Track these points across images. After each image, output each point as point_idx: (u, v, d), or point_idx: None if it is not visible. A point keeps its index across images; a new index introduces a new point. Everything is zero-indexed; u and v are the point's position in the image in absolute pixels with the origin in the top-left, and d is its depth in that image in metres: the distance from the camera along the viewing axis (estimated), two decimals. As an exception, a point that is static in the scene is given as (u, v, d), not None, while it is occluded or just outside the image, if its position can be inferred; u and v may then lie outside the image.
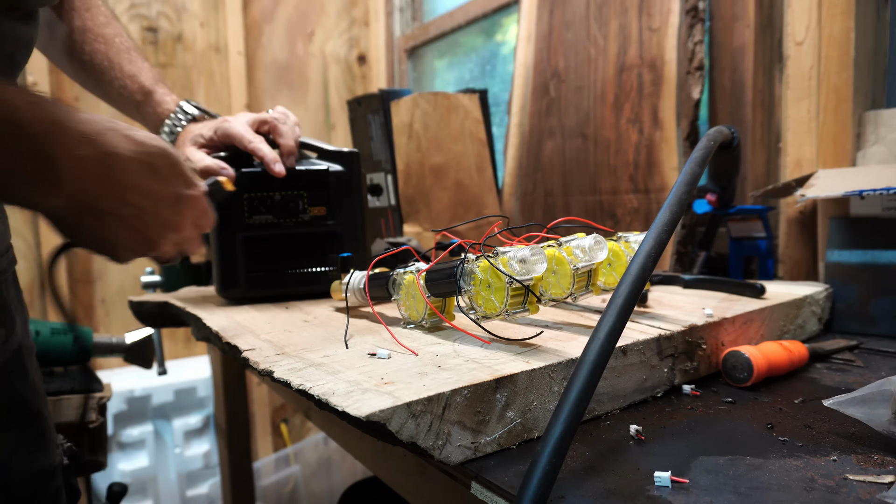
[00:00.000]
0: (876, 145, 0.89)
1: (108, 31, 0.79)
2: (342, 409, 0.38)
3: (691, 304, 0.71)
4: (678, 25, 1.09)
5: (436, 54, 2.13)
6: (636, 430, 0.46)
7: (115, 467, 1.64)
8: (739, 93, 1.12)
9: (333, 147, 0.88)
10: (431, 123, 1.23)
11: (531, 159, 1.42)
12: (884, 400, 0.43)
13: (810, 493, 0.36)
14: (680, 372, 0.57)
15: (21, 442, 0.54)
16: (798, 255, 0.99)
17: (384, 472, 0.65)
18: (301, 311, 0.77)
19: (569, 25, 1.33)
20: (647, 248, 0.46)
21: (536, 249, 0.49)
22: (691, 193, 0.53)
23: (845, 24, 0.89)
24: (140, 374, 1.71)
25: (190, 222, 0.55)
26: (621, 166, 1.21)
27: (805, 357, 0.62)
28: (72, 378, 0.99)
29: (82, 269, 1.78)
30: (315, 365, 0.49)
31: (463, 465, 0.41)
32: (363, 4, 2.26)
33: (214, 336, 0.67)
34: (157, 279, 1.23)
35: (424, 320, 0.59)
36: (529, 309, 0.51)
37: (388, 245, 1.09)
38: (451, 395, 0.41)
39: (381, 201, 1.38)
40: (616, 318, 0.41)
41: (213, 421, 1.78)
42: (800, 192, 0.82)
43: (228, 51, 1.96)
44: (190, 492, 1.72)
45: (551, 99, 1.37)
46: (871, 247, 0.79)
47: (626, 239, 0.62)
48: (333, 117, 2.22)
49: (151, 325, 1.04)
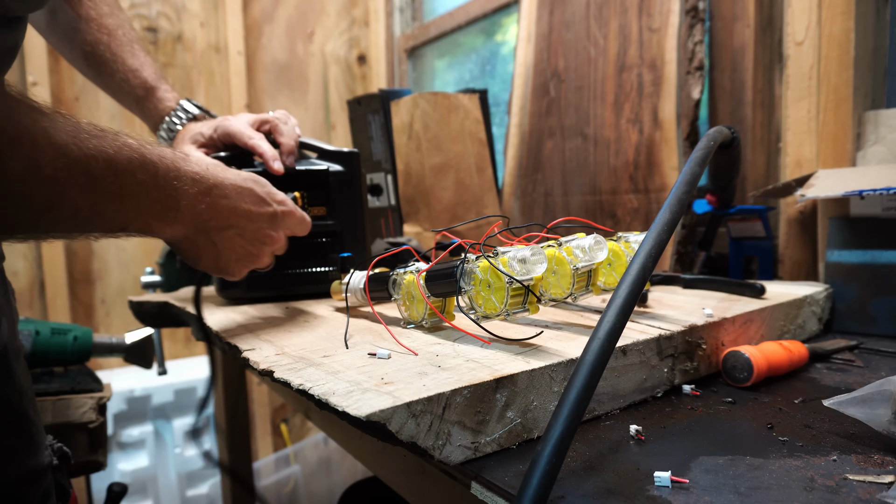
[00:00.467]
0: (876, 145, 0.89)
1: (111, 22, 0.79)
2: (342, 409, 0.38)
3: (691, 304, 0.71)
4: (678, 25, 1.09)
5: (436, 54, 2.13)
6: (636, 430, 0.46)
7: (115, 467, 1.64)
8: (739, 93, 1.12)
9: (333, 147, 0.88)
10: (431, 123, 1.23)
11: (531, 159, 1.42)
12: (884, 400, 0.43)
13: (810, 493, 0.36)
14: (680, 372, 0.57)
15: (5, 445, 0.53)
16: (798, 255, 0.99)
17: (384, 472, 0.65)
18: (301, 311, 0.77)
19: (569, 25, 1.33)
20: (647, 248, 0.46)
21: (536, 249, 0.49)
22: (691, 193, 0.53)
23: (845, 24, 0.89)
24: (140, 374, 1.71)
25: (284, 234, 0.65)
26: (621, 166, 1.21)
27: (805, 357, 0.62)
28: (72, 378, 0.99)
29: (82, 269, 1.78)
30: (315, 365, 0.49)
31: (463, 465, 0.41)
32: (363, 4, 2.26)
33: (214, 336, 0.67)
34: (157, 279, 1.23)
35: (424, 320, 0.59)
36: (529, 309, 0.51)
37: (388, 245, 1.09)
38: (451, 395, 0.41)
39: (381, 201, 1.38)
40: (616, 318, 0.41)
41: (213, 421, 1.78)
42: (800, 192, 0.82)
43: (228, 51, 1.96)
44: (190, 492, 1.72)
45: (551, 99, 1.37)
46: (871, 247, 0.79)
47: (626, 239, 0.62)
48: (333, 117, 2.22)
49: (151, 325, 1.04)
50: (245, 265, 0.62)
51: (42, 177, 0.36)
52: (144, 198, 0.48)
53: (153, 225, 0.51)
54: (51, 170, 0.37)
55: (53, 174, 0.37)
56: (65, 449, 0.64)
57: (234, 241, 0.59)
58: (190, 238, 0.55)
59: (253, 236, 0.60)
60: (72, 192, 0.39)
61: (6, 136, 0.33)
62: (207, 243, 0.57)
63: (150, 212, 0.49)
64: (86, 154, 0.40)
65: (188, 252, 0.58)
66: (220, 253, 0.59)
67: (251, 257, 0.62)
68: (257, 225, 0.60)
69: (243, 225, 0.59)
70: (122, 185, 0.44)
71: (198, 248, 0.57)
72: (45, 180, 0.37)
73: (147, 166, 0.47)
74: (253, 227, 0.60)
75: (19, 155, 0.34)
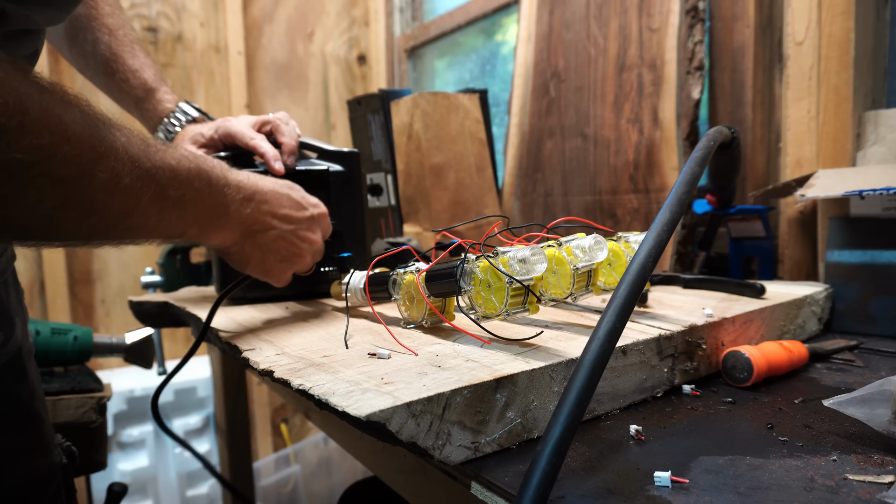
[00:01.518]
0: (876, 145, 0.89)
1: (112, 22, 0.79)
2: (342, 409, 0.38)
3: (691, 304, 0.71)
4: (678, 25, 1.09)
5: (436, 54, 2.13)
6: (636, 430, 0.46)
7: (115, 467, 1.64)
8: (739, 93, 1.12)
9: (333, 147, 0.88)
10: (431, 123, 1.23)
11: (531, 159, 1.42)
12: (884, 400, 0.43)
13: (810, 493, 0.36)
14: (680, 372, 0.57)
15: (18, 445, 0.54)
16: (798, 255, 0.99)
17: (384, 472, 0.65)
18: (301, 310, 0.77)
19: (569, 25, 1.33)
20: (647, 248, 0.46)
21: (536, 249, 0.49)
22: (691, 193, 0.53)
23: (845, 24, 0.89)
24: (140, 374, 1.71)
25: (321, 236, 0.69)
26: (621, 166, 1.21)
27: (805, 357, 0.62)
28: (72, 378, 0.99)
29: (82, 269, 1.78)
30: (315, 365, 0.49)
31: (463, 465, 0.41)
32: (363, 4, 2.26)
33: (214, 336, 0.67)
34: (157, 279, 1.23)
35: (424, 320, 0.59)
36: (529, 309, 0.51)
37: (388, 245, 1.09)
38: (451, 395, 0.41)
39: (381, 201, 1.38)
40: (616, 318, 0.41)
41: (213, 421, 1.78)
42: (800, 192, 0.82)
43: (228, 51, 1.96)
44: (190, 492, 1.72)
45: (551, 99, 1.37)
46: (871, 247, 0.79)
47: (626, 239, 0.62)
48: (333, 117, 2.22)
49: (151, 325, 1.04)
50: (289, 267, 0.66)
51: (122, 187, 0.40)
52: (201, 204, 0.51)
53: (208, 230, 0.55)
54: (129, 180, 0.40)
55: (130, 184, 0.40)
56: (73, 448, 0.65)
57: (277, 243, 0.63)
58: (238, 243, 0.60)
59: (293, 238, 0.64)
60: (144, 200, 0.43)
61: (95, 151, 0.37)
62: (254, 247, 0.61)
63: (206, 217, 0.53)
64: (155, 165, 0.44)
65: (237, 257, 0.62)
66: (265, 256, 0.63)
67: (294, 258, 0.66)
68: (296, 227, 0.64)
69: (284, 227, 0.63)
70: (183, 192, 0.48)
71: (245, 253, 0.61)
72: (123, 190, 0.40)
73: (202, 175, 0.51)
74: (292, 230, 0.64)
75: (104, 167, 0.38)
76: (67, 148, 0.35)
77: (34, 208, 0.35)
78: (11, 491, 0.53)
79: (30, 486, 0.55)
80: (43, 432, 0.57)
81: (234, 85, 1.97)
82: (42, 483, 0.57)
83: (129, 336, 1.15)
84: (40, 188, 0.35)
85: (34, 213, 0.36)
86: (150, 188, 0.43)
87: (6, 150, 0.32)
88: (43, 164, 0.34)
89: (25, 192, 0.34)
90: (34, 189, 0.34)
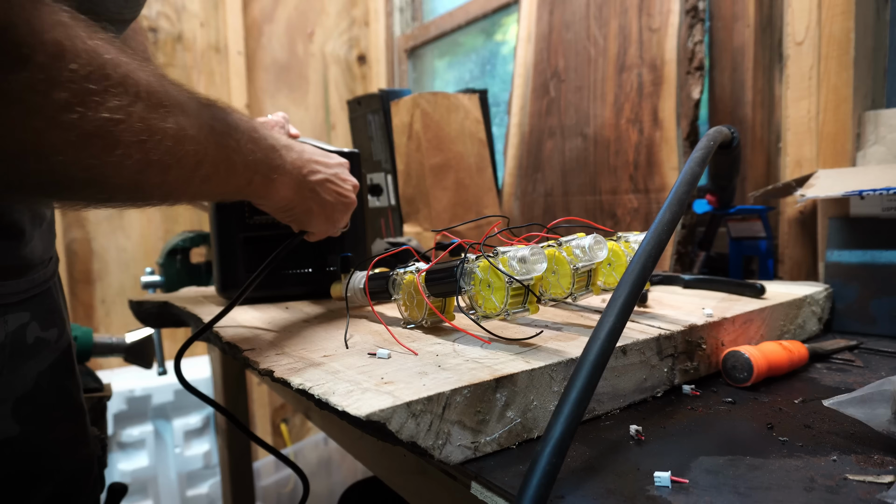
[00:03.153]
0: (876, 145, 0.89)
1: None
2: (342, 409, 0.38)
3: (691, 304, 0.71)
4: (678, 25, 1.09)
5: (436, 54, 2.13)
6: (636, 430, 0.46)
7: (115, 467, 1.64)
8: (739, 93, 1.12)
9: (333, 147, 0.88)
10: (431, 123, 1.23)
11: (531, 159, 1.42)
12: (884, 400, 0.43)
13: (810, 493, 0.36)
14: (680, 372, 0.57)
15: (70, 436, 0.58)
16: (798, 255, 0.99)
17: (384, 472, 0.65)
18: (301, 311, 0.77)
19: (569, 25, 1.33)
20: (647, 248, 0.46)
21: (536, 249, 0.49)
22: (691, 193, 0.53)
23: (845, 24, 0.89)
24: (140, 374, 1.71)
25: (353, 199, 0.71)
26: (621, 166, 1.21)
27: (805, 357, 0.62)
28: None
29: (82, 269, 1.78)
30: (315, 365, 0.49)
31: (463, 464, 0.41)
32: (363, 4, 2.26)
33: (214, 336, 0.67)
34: (157, 279, 1.23)
35: (424, 320, 0.59)
36: (529, 309, 0.51)
37: (388, 245, 1.09)
38: (451, 395, 0.41)
39: (381, 201, 1.38)
40: (616, 318, 0.41)
41: (213, 421, 1.78)
42: (800, 192, 0.82)
43: (228, 51, 1.96)
44: (190, 492, 1.72)
45: (551, 99, 1.37)
46: (871, 247, 0.79)
47: (626, 239, 0.62)
48: (333, 117, 2.22)
49: (151, 325, 1.04)
50: (344, 210, 0.69)
51: (189, 136, 0.43)
52: (259, 152, 0.54)
53: (271, 177, 0.57)
54: (194, 131, 0.43)
55: (196, 134, 0.44)
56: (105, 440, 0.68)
57: (326, 185, 0.65)
58: (298, 193, 0.62)
59: (337, 179, 0.67)
60: (210, 148, 0.46)
61: (163, 106, 0.40)
62: (312, 195, 0.64)
63: (267, 165, 0.56)
64: (212, 116, 0.47)
65: (300, 211, 0.64)
66: (323, 202, 0.65)
67: (343, 199, 0.68)
68: (334, 170, 0.67)
69: (326, 171, 0.65)
70: (239, 140, 0.51)
71: (306, 204, 0.64)
72: (191, 139, 0.43)
73: (250, 124, 0.53)
74: (334, 172, 0.66)
75: (172, 119, 0.41)
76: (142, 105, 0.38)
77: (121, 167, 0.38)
78: (69, 476, 0.57)
79: (80, 474, 0.59)
80: (86, 424, 0.61)
81: (234, 85, 1.97)
82: (87, 472, 0.60)
83: (129, 336, 1.15)
84: (126, 146, 0.37)
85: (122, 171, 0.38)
86: (212, 137, 0.46)
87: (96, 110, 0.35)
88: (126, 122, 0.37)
89: (114, 152, 0.37)
90: (121, 148, 0.37)
